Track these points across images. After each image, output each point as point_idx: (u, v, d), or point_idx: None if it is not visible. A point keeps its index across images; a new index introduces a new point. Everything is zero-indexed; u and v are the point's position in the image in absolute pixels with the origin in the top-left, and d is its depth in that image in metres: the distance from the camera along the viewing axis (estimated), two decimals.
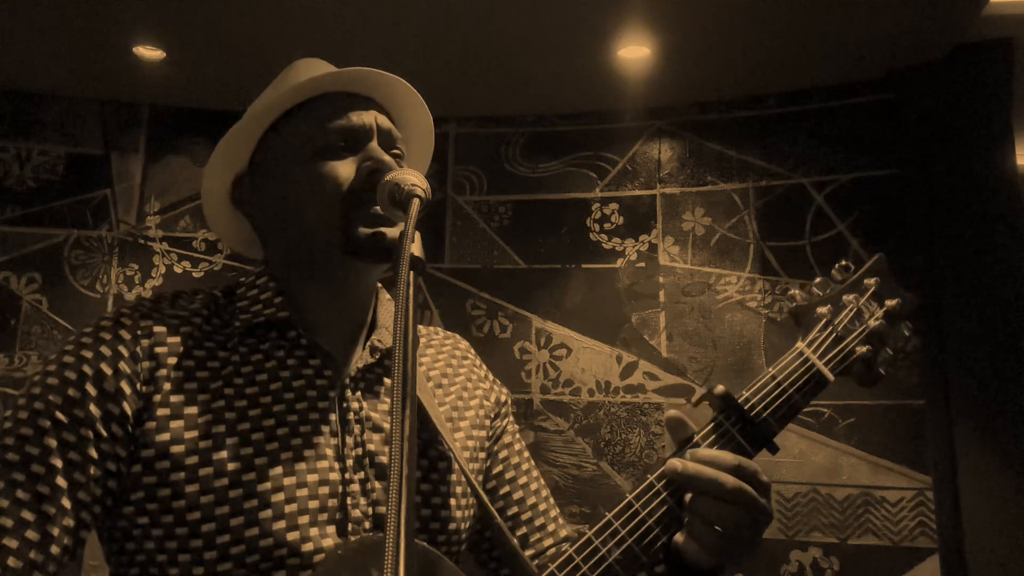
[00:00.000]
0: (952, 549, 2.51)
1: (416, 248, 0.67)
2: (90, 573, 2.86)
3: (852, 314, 0.92)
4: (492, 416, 1.04)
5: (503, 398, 1.08)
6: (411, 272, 0.65)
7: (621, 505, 0.83)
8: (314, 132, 0.91)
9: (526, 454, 1.08)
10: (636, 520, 0.82)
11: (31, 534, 0.75)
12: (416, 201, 0.76)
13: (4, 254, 3.13)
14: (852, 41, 2.69)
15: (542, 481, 1.07)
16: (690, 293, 3.08)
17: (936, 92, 2.76)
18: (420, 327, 1.07)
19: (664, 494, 0.83)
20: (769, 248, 3.01)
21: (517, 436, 1.09)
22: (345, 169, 0.90)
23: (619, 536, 0.82)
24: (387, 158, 0.90)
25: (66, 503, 0.77)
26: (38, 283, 3.14)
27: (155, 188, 3.30)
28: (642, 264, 3.15)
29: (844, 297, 0.94)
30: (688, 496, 0.82)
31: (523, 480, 1.04)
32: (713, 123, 3.17)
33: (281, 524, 0.80)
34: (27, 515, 0.75)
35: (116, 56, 2.91)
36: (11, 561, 0.74)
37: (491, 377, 1.09)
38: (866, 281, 0.95)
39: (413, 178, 0.81)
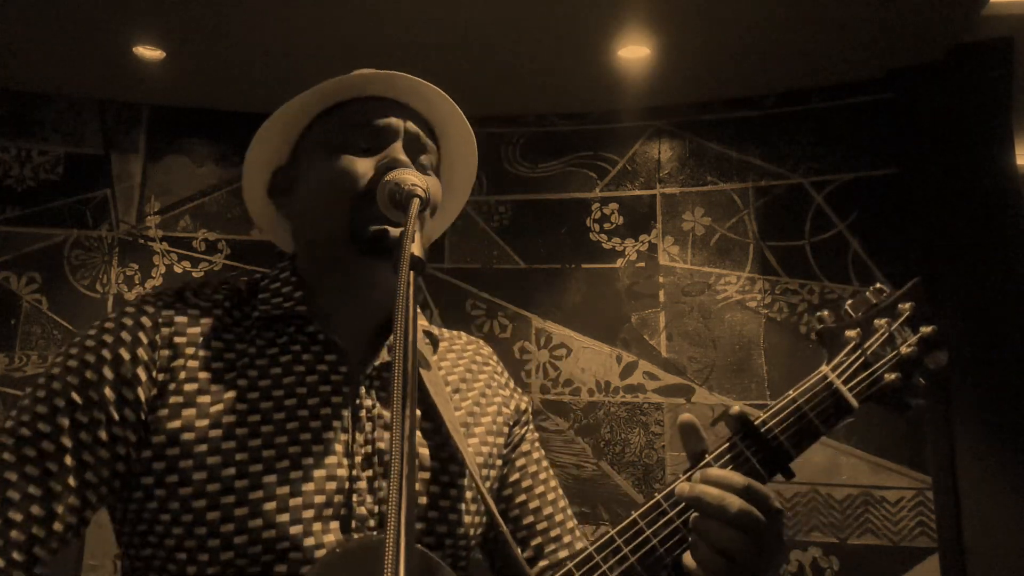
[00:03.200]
0: (952, 549, 2.51)
1: (416, 248, 0.67)
2: (89, 573, 2.86)
3: (883, 339, 0.88)
4: (511, 423, 1.03)
5: (523, 406, 1.07)
6: (411, 272, 0.65)
7: (625, 523, 0.81)
8: (339, 130, 0.93)
9: (545, 463, 1.06)
10: (640, 539, 0.80)
11: (36, 509, 0.77)
12: (416, 201, 0.77)
13: (4, 254, 3.13)
14: (852, 41, 2.69)
15: (560, 491, 1.06)
16: (690, 293, 3.08)
17: (936, 92, 2.76)
18: (444, 331, 1.08)
19: (670, 514, 0.81)
20: (769, 248, 3.02)
21: (536, 445, 1.07)
22: (362, 166, 0.90)
23: (621, 554, 0.80)
24: (404, 158, 0.90)
25: (72, 482, 0.79)
26: (38, 283, 3.14)
27: (155, 188, 3.30)
28: (642, 264, 3.15)
29: (876, 321, 0.89)
30: (694, 517, 0.80)
31: (540, 489, 1.03)
32: (713, 123, 3.17)
33: (285, 517, 0.80)
34: (34, 490, 0.77)
35: (116, 56, 2.91)
36: (14, 534, 0.76)
37: (512, 384, 1.08)
38: (900, 306, 0.91)
39: (413, 178, 0.82)
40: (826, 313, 0.91)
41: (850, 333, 0.88)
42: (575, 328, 3.16)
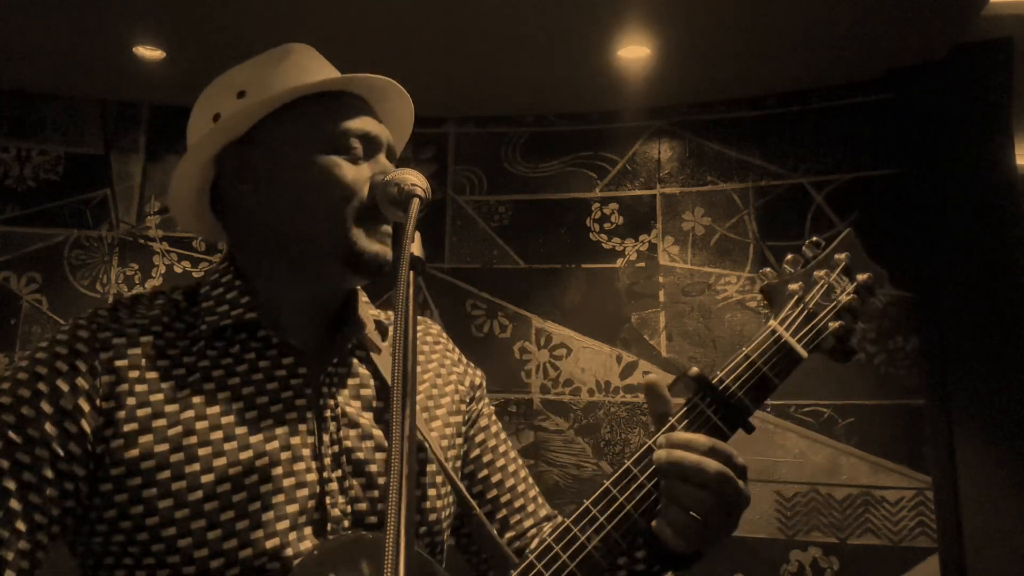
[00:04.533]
0: (951, 549, 2.51)
1: (416, 248, 0.67)
2: None
3: (823, 290, 0.92)
4: (467, 400, 1.03)
5: (478, 381, 1.07)
6: (411, 272, 0.65)
7: (599, 492, 0.83)
8: (327, 126, 0.89)
9: (503, 436, 1.07)
10: (614, 506, 0.82)
11: None
12: (416, 201, 0.77)
13: (4, 254, 3.13)
14: (852, 41, 2.69)
15: (520, 462, 1.07)
16: (690, 293, 3.08)
17: (936, 92, 2.76)
18: (389, 313, 1.02)
19: (641, 478, 0.83)
20: (769, 248, 3.02)
21: (493, 418, 1.07)
22: (357, 173, 0.88)
23: (598, 523, 0.82)
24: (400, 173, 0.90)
25: (21, 526, 0.74)
26: (38, 283, 3.14)
27: (155, 188, 3.30)
28: (642, 264, 3.15)
29: (815, 273, 0.94)
30: (664, 481, 0.82)
31: (501, 462, 1.04)
32: (713, 123, 3.17)
33: (259, 533, 0.78)
34: None
35: (116, 56, 2.91)
36: None
37: (464, 360, 1.08)
38: (836, 256, 0.95)
39: (413, 178, 0.82)
40: (768, 270, 0.95)
41: (793, 287, 0.92)
42: (575, 328, 3.16)
